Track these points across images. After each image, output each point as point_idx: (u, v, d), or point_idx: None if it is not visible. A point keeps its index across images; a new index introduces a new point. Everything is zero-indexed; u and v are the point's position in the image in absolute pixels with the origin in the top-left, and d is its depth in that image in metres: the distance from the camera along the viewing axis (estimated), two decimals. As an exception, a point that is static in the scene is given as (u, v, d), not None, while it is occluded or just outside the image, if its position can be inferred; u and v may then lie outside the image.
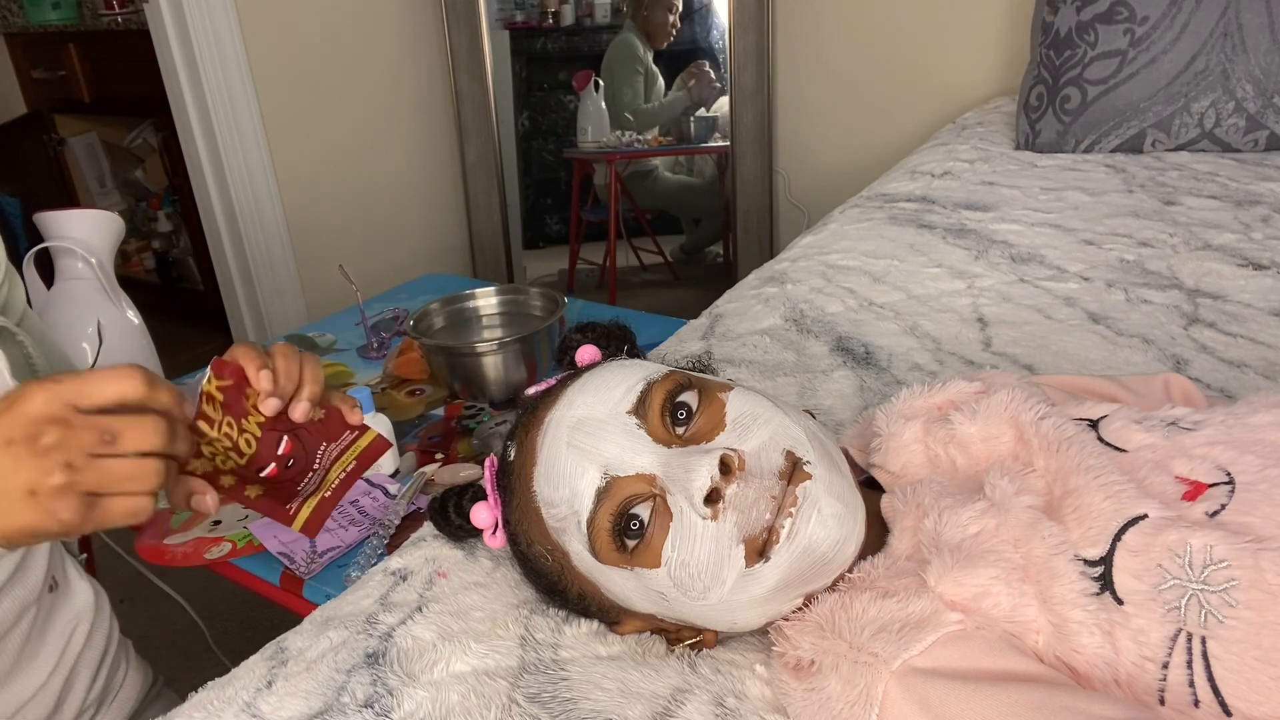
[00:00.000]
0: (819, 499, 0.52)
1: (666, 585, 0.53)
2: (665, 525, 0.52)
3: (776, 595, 0.53)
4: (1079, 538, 0.50)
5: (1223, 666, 0.45)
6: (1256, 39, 1.57)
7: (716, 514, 0.51)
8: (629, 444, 0.54)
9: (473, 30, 2.49)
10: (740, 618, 0.55)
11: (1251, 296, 1.06)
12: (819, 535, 0.52)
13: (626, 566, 0.54)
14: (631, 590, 0.55)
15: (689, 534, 0.52)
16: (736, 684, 0.56)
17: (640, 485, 0.53)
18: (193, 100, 2.20)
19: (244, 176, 2.28)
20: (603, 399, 0.56)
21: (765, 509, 0.51)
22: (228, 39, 2.17)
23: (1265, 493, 0.49)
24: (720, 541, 0.51)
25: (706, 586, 0.52)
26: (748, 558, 0.51)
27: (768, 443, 0.54)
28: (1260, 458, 0.51)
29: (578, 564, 0.56)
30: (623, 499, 0.53)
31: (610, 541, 0.53)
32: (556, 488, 0.55)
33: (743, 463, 0.52)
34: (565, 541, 0.56)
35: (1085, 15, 1.68)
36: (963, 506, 0.54)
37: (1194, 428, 0.55)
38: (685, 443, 0.54)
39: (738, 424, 0.55)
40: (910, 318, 1.09)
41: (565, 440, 0.55)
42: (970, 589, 0.49)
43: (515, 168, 2.84)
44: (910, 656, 0.47)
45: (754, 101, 2.50)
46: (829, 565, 0.53)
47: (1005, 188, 1.54)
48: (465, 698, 0.55)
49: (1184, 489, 0.51)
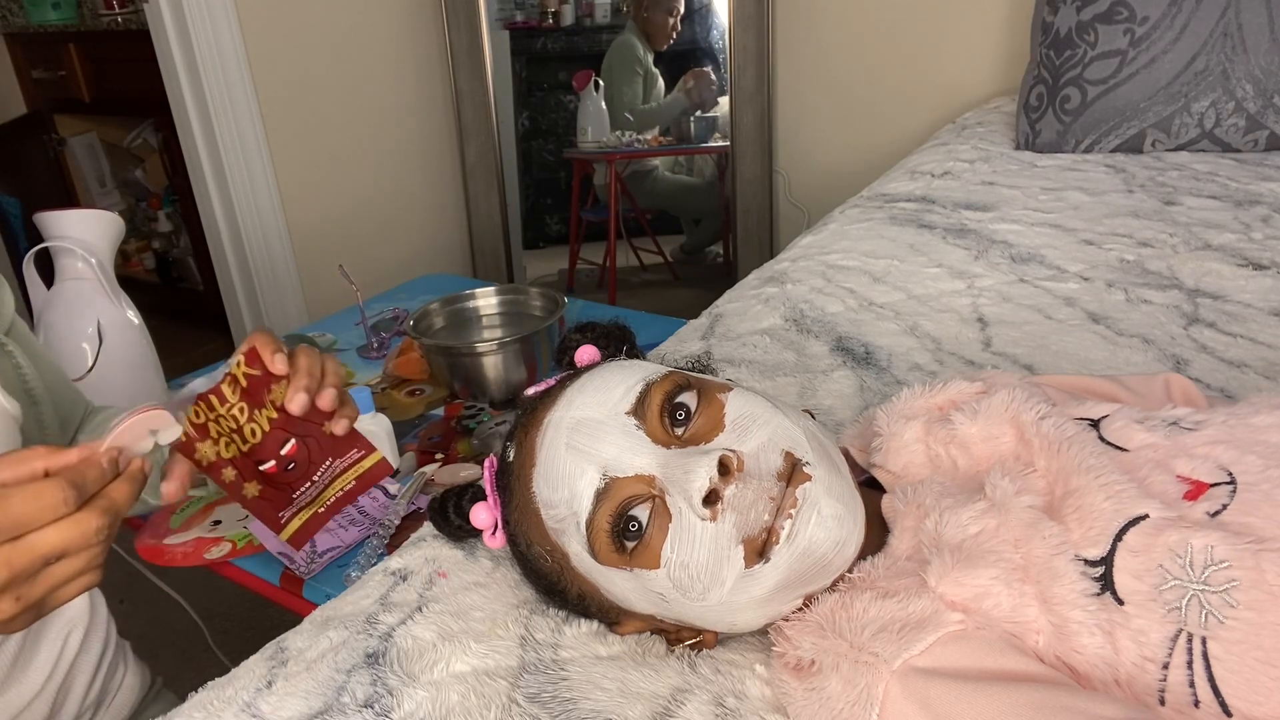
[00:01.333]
0: (819, 500, 0.52)
1: (666, 586, 0.53)
2: (664, 526, 0.52)
3: (776, 596, 0.53)
4: (1080, 538, 0.50)
5: (1223, 667, 0.45)
6: (1256, 39, 1.57)
7: (715, 515, 0.51)
8: (628, 445, 0.54)
9: (473, 30, 2.49)
10: (740, 619, 0.55)
11: (1251, 296, 1.06)
12: (819, 537, 0.51)
13: (626, 568, 0.54)
14: (631, 591, 0.55)
15: (688, 535, 0.52)
16: (736, 684, 0.56)
17: (639, 486, 0.53)
18: (193, 100, 2.20)
19: (244, 176, 2.28)
20: (601, 400, 0.56)
21: (764, 510, 0.51)
22: (228, 39, 2.17)
23: (1267, 493, 0.49)
24: (719, 543, 0.51)
25: (706, 588, 0.52)
26: (747, 559, 0.51)
27: (766, 444, 0.54)
28: (1262, 458, 0.51)
29: (577, 565, 0.56)
30: (622, 500, 0.53)
31: (609, 543, 0.53)
32: (555, 489, 0.55)
33: (741, 464, 0.52)
34: (565, 542, 0.56)
35: (1085, 15, 1.68)
36: (963, 507, 0.54)
37: (1195, 428, 0.55)
38: (684, 443, 0.54)
39: (736, 425, 0.55)
40: (910, 318, 1.09)
41: (564, 441, 0.55)
42: (971, 589, 0.49)
43: (515, 168, 2.84)
44: (911, 656, 0.47)
45: (754, 102, 2.50)
46: (829, 566, 0.53)
47: (1005, 188, 1.54)
48: (465, 698, 0.55)
49: (1185, 488, 0.51)
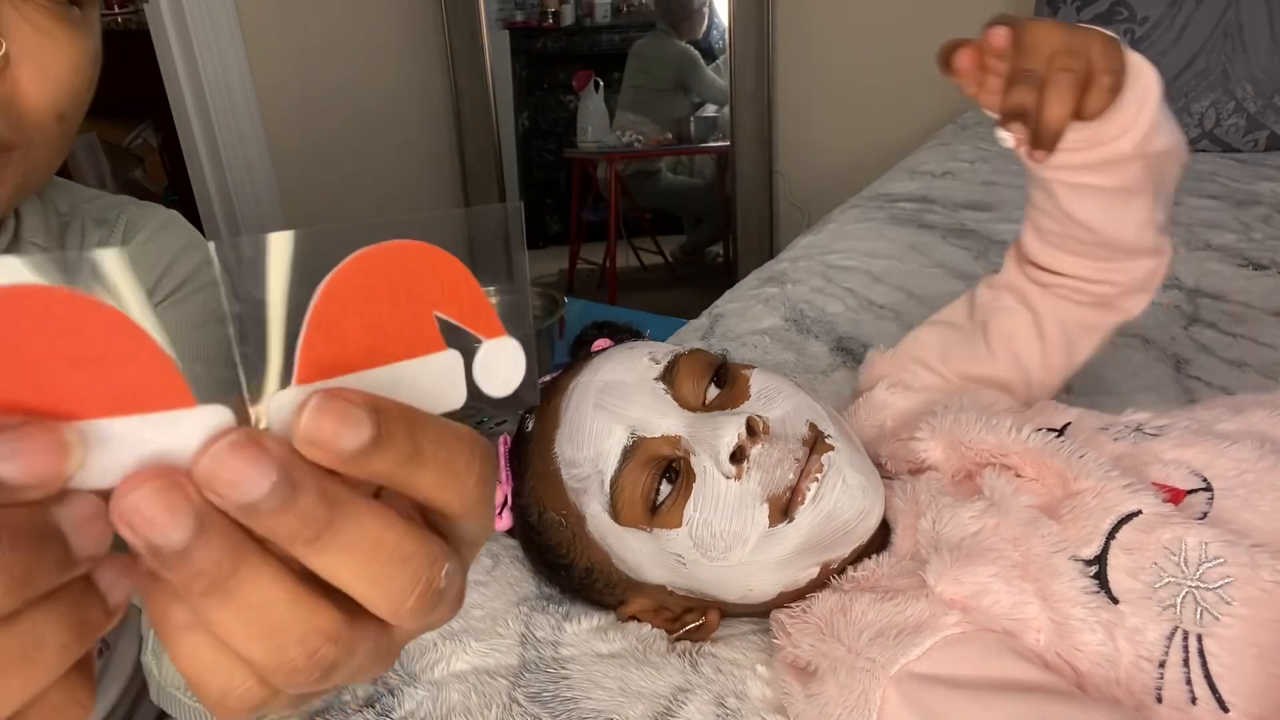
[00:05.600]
0: (843, 468, 0.53)
1: (686, 546, 0.53)
2: (689, 486, 0.53)
3: (796, 560, 0.53)
4: (1075, 536, 0.50)
5: (1219, 664, 0.45)
6: (1256, 39, 1.57)
7: (741, 473, 0.52)
8: (656, 406, 0.54)
9: (473, 30, 2.49)
10: (756, 582, 0.55)
11: (1251, 296, 1.06)
12: (844, 503, 0.52)
13: (645, 528, 0.54)
14: (646, 556, 0.55)
15: (713, 493, 0.52)
16: (738, 684, 0.56)
17: (665, 447, 0.54)
18: (193, 100, 2.20)
19: (244, 176, 2.28)
20: (630, 365, 0.57)
21: (789, 469, 0.52)
22: (228, 39, 2.17)
23: (1244, 499, 0.50)
24: (744, 500, 0.52)
25: (728, 546, 0.52)
26: (771, 517, 0.52)
27: (792, 413, 0.55)
28: (1234, 461, 0.52)
29: (592, 529, 0.56)
30: (648, 458, 0.53)
31: (637, 501, 0.53)
32: (580, 447, 0.55)
33: (768, 427, 0.53)
34: (584, 504, 0.55)
35: (1085, 15, 1.68)
36: (962, 506, 0.54)
37: (1159, 433, 0.56)
38: (710, 409, 0.55)
39: (762, 395, 0.56)
40: (910, 318, 1.08)
41: (592, 401, 0.55)
42: (969, 586, 0.50)
43: (515, 168, 2.84)
44: (908, 661, 0.47)
45: (754, 102, 2.50)
46: (851, 534, 0.53)
47: (1006, 188, 1.54)
48: (466, 697, 0.55)
49: (1164, 496, 0.51)
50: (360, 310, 0.23)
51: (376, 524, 0.21)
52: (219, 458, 0.20)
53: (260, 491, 0.20)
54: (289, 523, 0.20)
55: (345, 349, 0.23)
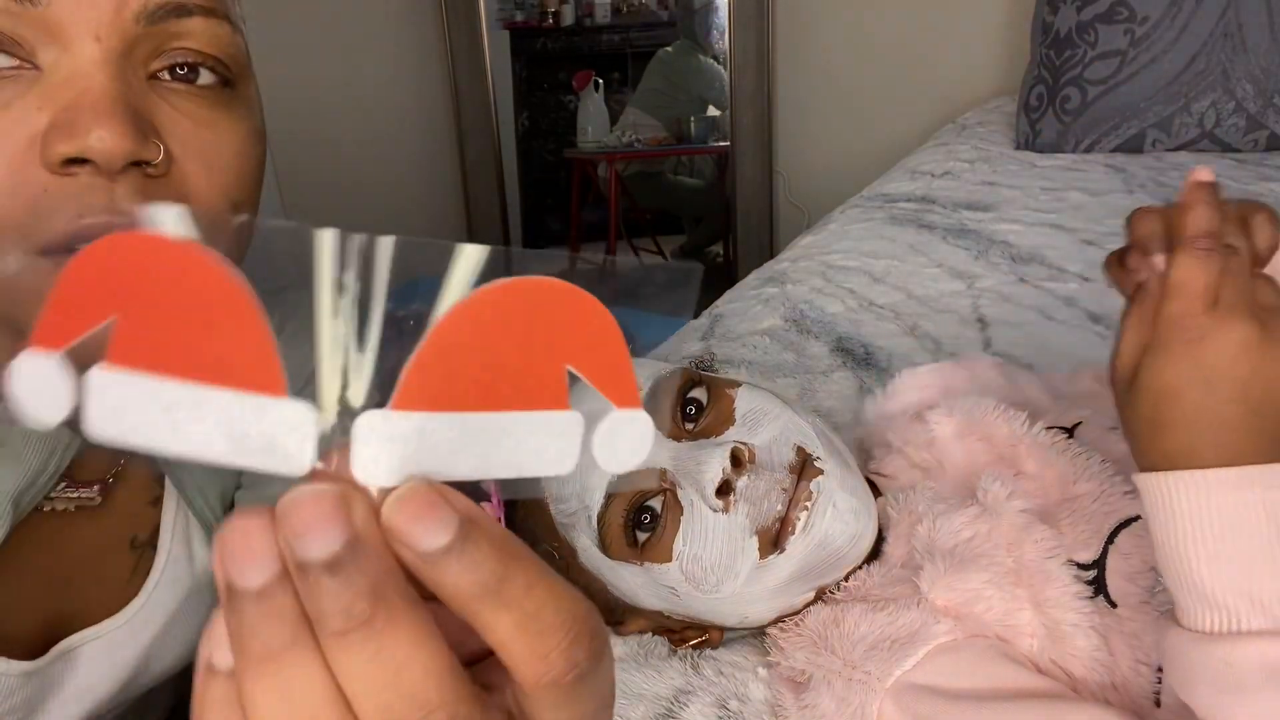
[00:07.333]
0: (834, 493, 0.52)
1: (678, 580, 0.53)
2: (676, 519, 0.52)
3: (789, 587, 0.53)
4: (1072, 541, 0.50)
5: None
6: (1256, 39, 1.57)
7: (728, 506, 0.52)
8: None
9: (473, 30, 2.49)
10: (751, 611, 0.55)
11: (1252, 297, 1.06)
12: (835, 529, 0.52)
13: (636, 562, 0.54)
14: (640, 587, 0.55)
15: (700, 527, 0.52)
16: (739, 687, 0.56)
17: (650, 480, 0.53)
18: (193, 101, 2.20)
19: (244, 177, 2.28)
20: None
21: (777, 500, 0.51)
22: (228, 39, 2.17)
23: None
24: (733, 534, 0.51)
25: (719, 580, 0.52)
26: (761, 549, 0.51)
27: (778, 437, 0.54)
28: None
29: (585, 561, 0.56)
30: (633, 493, 0.53)
31: (621, 536, 0.53)
32: (565, 482, 0.55)
33: (753, 455, 0.53)
34: (573, 538, 0.56)
35: (1085, 15, 1.68)
36: (955, 512, 0.54)
37: None
38: (694, 437, 0.55)
39: (747, 419, 0.55)
40: (910, 318, 1.08)
41: None
42: (962, 593, 0.49)
43: (515, 168, 2.84)
44: (903, 672, 0.47)
45: (754, 102, 2.50)
46: (843, 559, 0.53)
47: (1005, 188, 1.54)
48: (467, 699, 0.55)
49: None
50: (487, 344, 0.21)
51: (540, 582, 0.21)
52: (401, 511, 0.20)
53: (441, 541, 0.19)
54: (467, 574, 0.19)
55: (458, 382, 0.21)
